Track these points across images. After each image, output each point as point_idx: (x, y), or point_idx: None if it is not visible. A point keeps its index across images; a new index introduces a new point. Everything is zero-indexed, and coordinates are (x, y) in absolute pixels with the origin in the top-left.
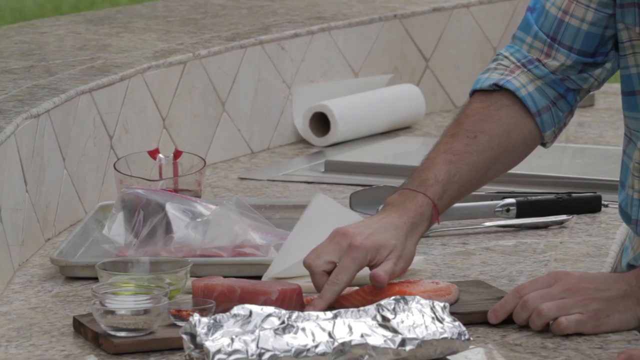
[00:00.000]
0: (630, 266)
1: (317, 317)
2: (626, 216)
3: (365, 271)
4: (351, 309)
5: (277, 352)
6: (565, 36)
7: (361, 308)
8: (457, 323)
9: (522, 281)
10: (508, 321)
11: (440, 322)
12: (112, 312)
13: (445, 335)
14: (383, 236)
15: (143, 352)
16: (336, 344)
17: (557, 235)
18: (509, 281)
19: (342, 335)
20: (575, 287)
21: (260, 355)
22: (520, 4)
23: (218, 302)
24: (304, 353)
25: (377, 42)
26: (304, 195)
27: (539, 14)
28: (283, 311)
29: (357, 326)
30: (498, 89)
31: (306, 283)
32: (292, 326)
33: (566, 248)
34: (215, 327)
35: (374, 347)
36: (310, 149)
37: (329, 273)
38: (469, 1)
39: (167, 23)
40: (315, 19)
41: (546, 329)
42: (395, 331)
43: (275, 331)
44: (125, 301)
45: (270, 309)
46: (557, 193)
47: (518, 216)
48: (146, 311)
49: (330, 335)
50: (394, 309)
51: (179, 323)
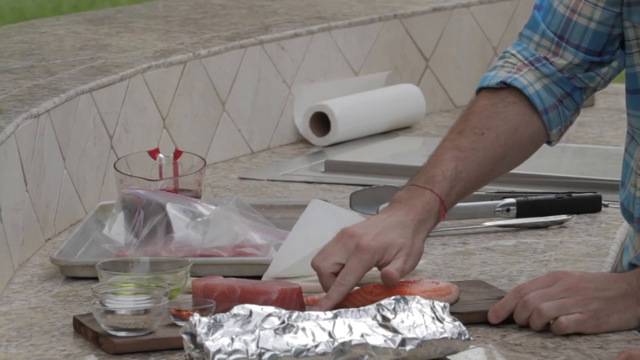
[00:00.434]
0: (631, 265)
1: (317, 317)
2: (628, 215)
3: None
4: (351, 309)
5: (277, 352)
6: (573, 35)
7: (361, 308)
8: (457, 323)
9: (522, 281)
10: (508, 321)
11: (440, 322)
12: (112, 312)
13: (445, 335)
14: (390, 235)
15: (143, 352)
16: (336, 344)
17: (557, 235)
18: (509, 281)
19: (342, 335)
20: (575, 287)
21: (260, 355)
22: (520, 4)
23: (218, 302)
24: (304, 353)
25: (377, 42)
26: (304, 195)
27: (547, 12)
28: (283, 311)
29: (357, 326)
30: (505, 87)
31: (306, 283)
32: (292, 326)
33: (566, 248)
34: (215, 327)
35: (374, 347)
36: (310, 149)
37: (337, 274)
38: (469, 1)
39: (167, 23)
40: (315, 19)
41: (546, 329)
42: (395, 331)
43: (275, 331)
44: (125, 301)
45: (270, 309)
46: (557, 193)
47: (518, 216)
48: (146, 311)
49: (330, 335)
50: (394, 309)
51: (179, 323)
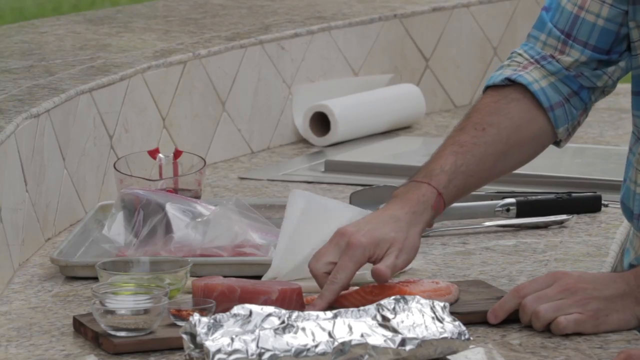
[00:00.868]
0: (632, 267)
1: (317, 317)
2: (627, 211)
3: (366, 269)
4: (351, 309)
5: (277, 352)
6: (580, 32)
7: (361, 308)
8: (457, 323)
9: (522, 281)
10: (508, 321)
11: (440, 322)
12: (112, 312)
13: (445, 335)
14: (382, 230)
15: (143, 352)
16: (336, 344)
17: (557, 235)
18: (509, 281)
19: (342, 335)
20: (573, 287)
21: (260, 355)
22: (520, 4)
23: (218, 302)
24: (304, 353)
25: (377, 42)
26: None
27: (555, 12)
28: (283, 311)
29: (357, 326)
30: (510, 84)
31: (306, 283)
32: (292, 326)
33: (566, 248)
34: (215, 327)
35: (374, 347)
36: (310, 149)
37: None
38: (469, 1)
39: (167, 23)
40: (315, 19)
41: (546, 329)
42: (395, 331)
43: (275, 331)
44: (125, 301)
45: (270, 309)
46: (557, 193)
47: (518, 216)
48: (146, 311)
49: (330, 335)
50: (394, 309)
51: (179, 323)
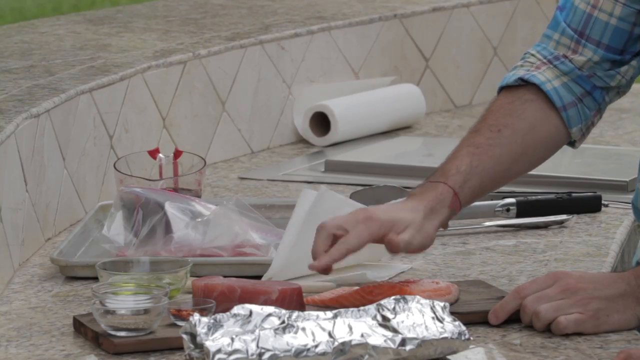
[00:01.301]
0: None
1: (317, 317)
2: (638, 213)
3: (366, 269)
4: (351, 309)
5: (277, 352)
6: (593, 31)
7: (361, 308)
8: (457, 323)
9: (522, 281)
10: (508, 321)
11: (440, 322)
12: (112, 312)
13: (445, 335)
14: (400, 214)
15: (143, 352)
16: (336, 344)
17: (557, 235)
18: (509, 281)
19: (342, 335)
20: (573, 287)
21: (260, 355)
22: (520, 4)
23: (218, 302)
24: (304, 353)
25: (377, 42)
26: None
27: (568, 11)
28: (283, 311)
29: (357, 326)
30: (524, 85)
31: (306, 283)
32: (292, 326)
33: (566, 248)
34: (215, 327)
35: (374, 347)
36: (310, 149)
37: (336, 239)
38: (469, 1)
39: (167, 23)
40: (315, 19)
41: (547, 329)
42: (395, 331)
43: (275, 331)
44: (125, 301)
45: (270, 309)
46: (557, 193)
47: (518, 216)
48: (146, 311)
49: (330, 335)
50: (394, 309)
51: (179, 323)
